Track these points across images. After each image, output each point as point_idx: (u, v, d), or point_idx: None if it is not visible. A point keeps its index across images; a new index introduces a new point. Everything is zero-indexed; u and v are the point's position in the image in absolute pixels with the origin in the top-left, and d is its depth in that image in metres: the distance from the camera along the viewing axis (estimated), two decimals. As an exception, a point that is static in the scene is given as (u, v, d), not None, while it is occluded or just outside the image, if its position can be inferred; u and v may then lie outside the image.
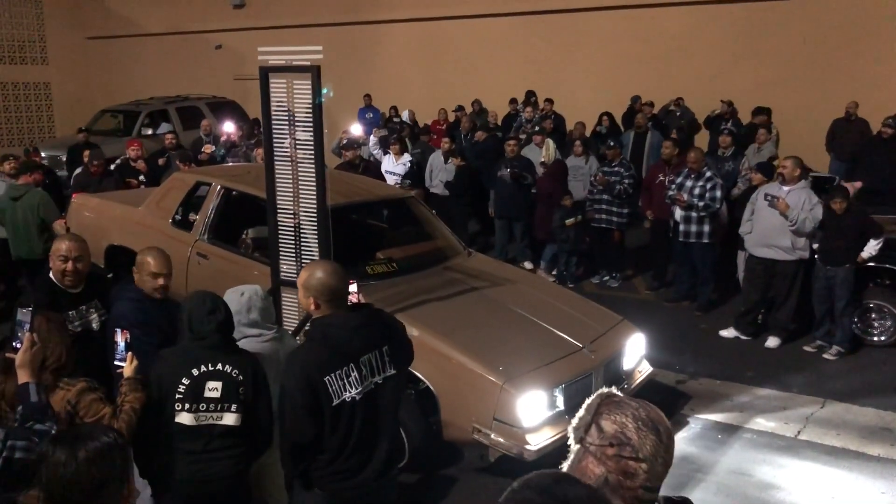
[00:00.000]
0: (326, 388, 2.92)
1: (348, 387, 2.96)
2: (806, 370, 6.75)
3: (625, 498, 1.56)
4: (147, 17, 20.51)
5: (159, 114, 15.93)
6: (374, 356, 3.07)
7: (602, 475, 1.58)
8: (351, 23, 17.19)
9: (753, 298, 7.40)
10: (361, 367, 3.02)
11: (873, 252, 6.79)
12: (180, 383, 3.28)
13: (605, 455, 1.59)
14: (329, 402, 2.92)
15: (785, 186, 7.01)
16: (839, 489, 4.91)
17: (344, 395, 2.95)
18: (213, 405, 3.29)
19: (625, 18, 14.47)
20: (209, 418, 3.29)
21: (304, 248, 4.93)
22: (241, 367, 3.35)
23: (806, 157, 7.96)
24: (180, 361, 3.34)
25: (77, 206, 7.64)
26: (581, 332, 5.29)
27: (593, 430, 1.62)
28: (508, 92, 14.40)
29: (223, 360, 3.33)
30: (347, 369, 2.97)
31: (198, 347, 3.35)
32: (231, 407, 3.30)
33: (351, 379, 2.97)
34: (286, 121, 4.79)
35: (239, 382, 3.31)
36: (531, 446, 4.52)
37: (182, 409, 3.28)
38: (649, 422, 1.59)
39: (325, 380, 2.92)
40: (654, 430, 1.59)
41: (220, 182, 6.50)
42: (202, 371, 3.30)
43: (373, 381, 3.06)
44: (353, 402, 2.98)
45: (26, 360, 2.74)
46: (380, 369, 3.09)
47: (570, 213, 8.87)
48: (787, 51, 12.97)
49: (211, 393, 3.29)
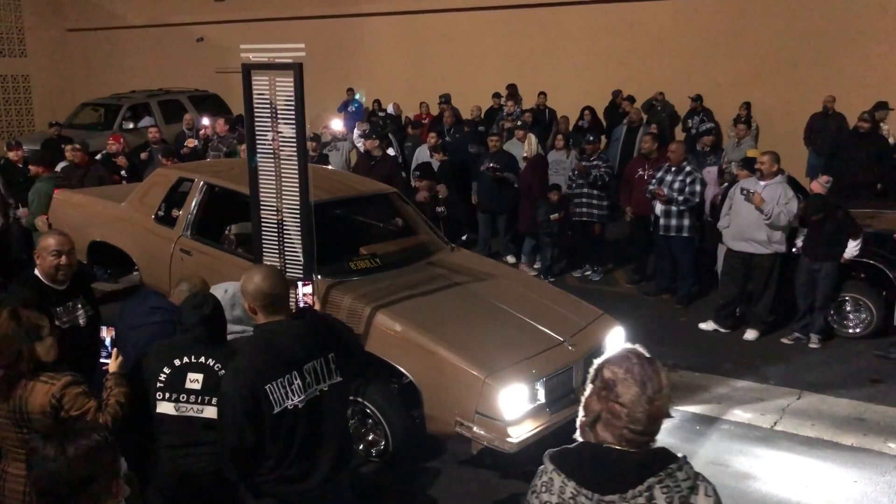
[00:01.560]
0: (268, 396, 2.91)
1: (291, 395, 2.95)
2: (783, 362, 6.87)
3: (612, 433, 1.96)
4: (128, 9, 20.34)
5: (141, 107, 15.84)
6: (318, 363, 3.06)
7: (598, 411, 1.99)
8: (333, 16, 17.16)
9: (731, 292, 7.52)
10: (305, 374, 3.01)
11: (854, 253, 6.94)
12: (161, 372, 3.31)
13: (600, 396, 1.99)
14: (270, 410, 2.91)
15: (762, 181, 7.11)
16: (813, 478, 5.02)
17: (286, 403, 2.94)
18: (195, 397, 3.31)
19: (606, 13, 14.55)
20: (190, 410, 3.31)
21: (287, 244, 4.97)
22: (224, 362, 3.35)
23: (784, 152, 8.09)
24: (164, 352, 3.38)
25: (59, 201, 7.61)
26: (562, 326, 5.35)
27: (598, 376, 2.01)
28: (491, 85, 14.43)
29: (206, 353, 3.36)
30: (290, 377, 2.97)
31: (183, 340, 3.40)
32: (212, 400, 3.29)
33: (294, 387, 2.97)
34: (269, 117, 4.82)
35: (220, 377, 3.31)
36: (513, 439, 4.58)
37: (163, 398, 3.31)
38: (639, 377, 1.96)
39: (267, 388, 2.91)
40: (640, 384, 1.95)
41: (203, 178, 6.50)
42: (184, 362, 3.33)
43: (317, 389, 3.05)
44: (296, 410, 2.97)
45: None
46: (324, 377, 3.08)
47: (554, 208, 8.95)
48: (766, 45, 13.11)
49: (192, 384, 3.31)
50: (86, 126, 15.58)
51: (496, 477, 5.00)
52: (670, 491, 1.91)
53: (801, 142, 11.92)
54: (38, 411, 3.04)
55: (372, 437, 5.06)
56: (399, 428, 4.93)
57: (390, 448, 4.97)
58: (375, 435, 5.03)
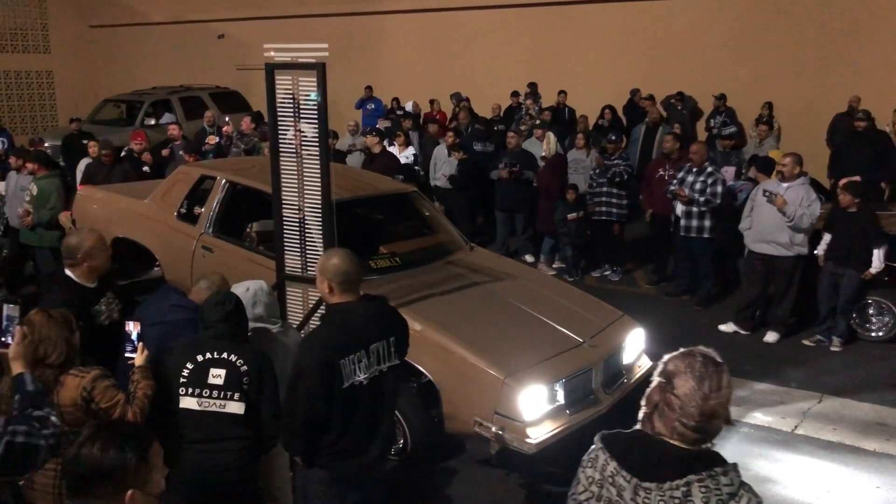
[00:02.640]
0: (340, 371, 3.04)
1: (358, 371, 3.10)
2: (804, 365, 6.82)
3: (666, 425, 2.04)
4: (150, 5, 20.49)
5: (162, 104, 15.94)
6: (381, 345, 3.21)
7: (656, 402, 2.08)
8: (353, 13, 17.19)
9: (752, 294, 7.47)
10: (371, 354, 3.16)
11: (879, 265, 6.85)
12: (184, 367, 3.37)
13: (660, 387, 2.08)
14: (340, 384, 3.05)
15: (784, 183, 7.06)
16: (835, 483, 4.98)
17: (353, 379, 3.09)
18: (217, 392, 3.36)
19: (627, 11, 14.47)
20: (213, 405, 3.35)
21: (308, 243, 4.99)
22: (246, 358, 3.41)
23: (807, 152, 8.02)
24: (187, 348, 3.44)
25: (83, 198, 7.69)
26: (582, 327, 5.35)
27: (663, 369, 2.11)
28: (511, 84, 14.42)
29: (229, 349, 3.41)
30: (360, 354, 3.11)
31: (206, 336, 3.46)
32: (234, 396, 3.35)
33: (361, 364, 3.11)
34: (291, 116, 4.84)
35: (243, 372, 3.38)
36: (531, 440, 4.58)
37: (186, 393, 3.36)
38: (697, 373, 2.03)
39: (341, 362, 3.04)
40: (698, 379, 2.02)
41: (225, 176, 6.54)
42: (206, 358, 3.39)
43: (378, 369, 3.19)
44: (361, 387, 3.12)
45: (19, 353, 2.84)
46: (385, 358, 3.23)
47: (572, 208, 8.93)
48: (789, 44, 12.99)
49: (214, 380, 3.36)
50: (107, 122, 15.72)
51: (515, 478, 5.00)
52: (709, 492, 1.93)
53: (824, 143, 11.80)
54: (69, 404, 3.10)
55: (391, 435, 5.08)
56: (418, 427, 4.94)
57: (409, 447, 4.99)
58: (394, 433, 5.06)
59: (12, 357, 2.81)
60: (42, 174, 7.82)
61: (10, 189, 8.07)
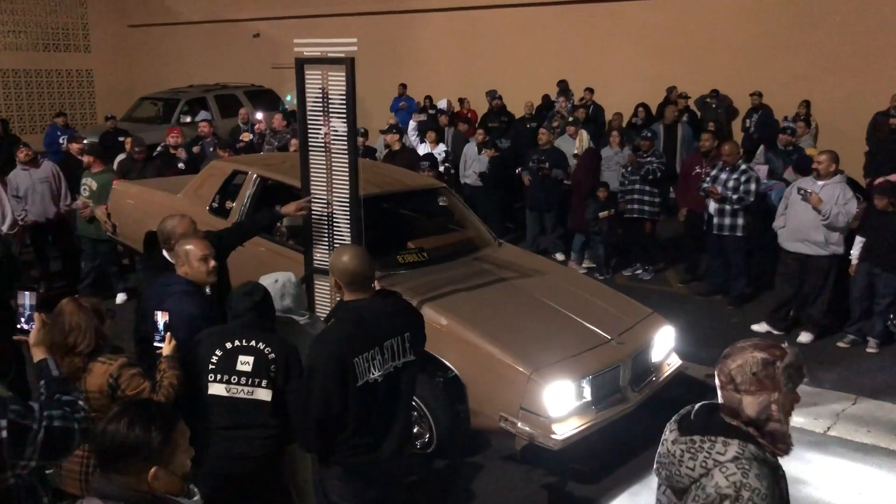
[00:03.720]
0: (354, 369, 3.04)
1: (373, 369, 3.09)
2: (838, 366, 6.69)
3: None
4: (187, 5, 20.78)
5: (198, 102, 16.15)
6: (396, 341, 3.20)
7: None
8: (386, 12, 17.26)
9: (786, 293, 7.35)
10: (385, 350, 3.15)
11: None
12: (213, 354, 3.42)
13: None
14: (354, 382, 3.05)
15: (819, 181, 6.93)
16: (867, 486, 4.89)
17: (368, 377, 3.08)
18: (245, 379, 3.40)
19: (661, 7, 14.32)
20: (241, 392, 3.40)
21: (336, 237, 5.02)
22: (274, 346, 3.46)
23: (845, 151, 7.86)
24: (217, 336, 3.50)
25: (118, 192, 7.83)
26: (610, 324, 5.31)
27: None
28: (542, 82, 14.37)
29: (257, 337, 3.46)
30: (374, 352, 3.10)
31: (235, 325, 3.52)
32: (262, 382, 3.40)
33: (375, 362, 3.11)
34: (321, 111, 4.88)
35: (271, 360, 3.42)
36: (557, 436, 4.56)
37: (214, 379, 3.41)
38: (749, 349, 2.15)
39: (355, 360, 3.04)
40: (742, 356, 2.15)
41: (256, 171, 6.62)
42: (235, 345, 3.44)
43: (392, 365, 3.18)
44: (375, 384, 3.11)
45: (40, 339, 2.83)
46: (400, 354, 3.22)
47: (603, 206, 8.87)
48: (827, 41, 12.74)
49: (243, 367, 3.41)
50: (144, 120, 15.98)
51: (540, 474, 4.99)
52: (694, 451, 2.09)
53: (863, 141, 11.55)
54: (95, 390, 3.17)
55: (417, 429, 5.08)
56: (443, 421, 4.95)
57: (434, 441, 5.00)
58: (420, 428, 5.06)
59: (34, 343, 2.82)
60: (98, 169, 8.14)
61: (27, 186, 8.22)
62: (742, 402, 2.12)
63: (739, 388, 2.13)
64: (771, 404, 2.11)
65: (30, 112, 20.16)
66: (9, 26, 19.64)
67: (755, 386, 2.11)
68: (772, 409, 2.12)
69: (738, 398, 2.13)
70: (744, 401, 2.12)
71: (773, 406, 2.11)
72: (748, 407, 2.12)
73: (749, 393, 2.12)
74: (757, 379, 2.11)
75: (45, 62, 20.41)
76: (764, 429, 2.12)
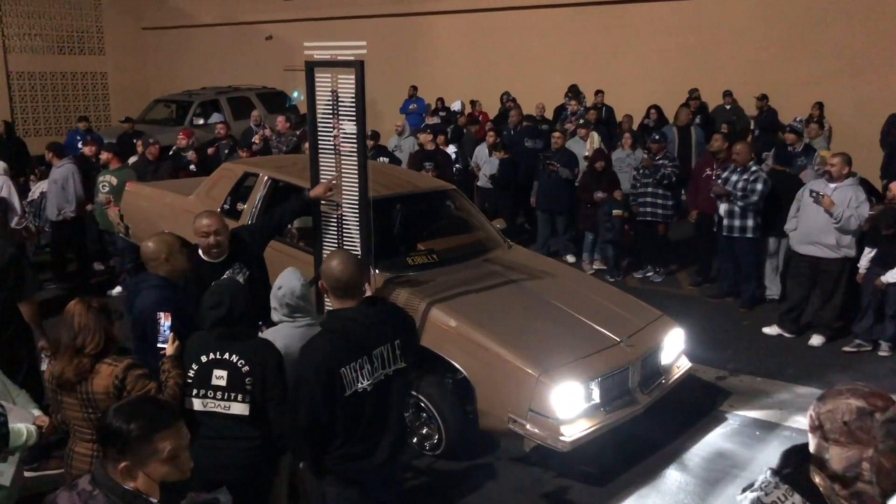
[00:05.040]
0: (341, 379, 3.01)
1: (361, 378, 3.06)
2: (849, 369, 6.64)
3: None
4: (200, 7, 20.91)
5: (211, 104, 16.25)
6: (386, 349, 3.16)
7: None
8: (398, 14, 17.30)
9: (798, 296, 7.31)
10: (374, 359, 3.11)
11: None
12: (190, 368, 3.38)
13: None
14: (342, 392, 3.02)
15: (832, 183, 6.90)
16: (878, 490, 4.85)
17: (356, 386, 3.05)
18: (221, 393, 3.36)
19: (674, 9, 14.28)
20: (217, 406, 3.36)
21: (346, 238, 5.05)
22: (249, 357, 3.38)
23: (858, 154, 7.81)
24: (194, 348, 3.44)
25: (131, 193, 7.88)
26: (619, 327, 5.30)
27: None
28: (555, 83, 14.35)
29: (231, 349, 3.39)
30: (362, 361, 3.07)
31: (210, 335, 3.45)
32: (237, 396, 3.35)
33: (364, 371, 3.07)
34: (331, 114, 4.90)
35: (245, 373, 3.36)
36: (566, 437, 4.57)
37: (191, 394, 3.37)
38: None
39: (341, 371, 3.01)
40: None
41: (267, 173, 6.65)
42: (210, 358, 3.38)
43: (383, 373, 3.15)
44: (364, 393, 3.08)
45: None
46: (390, 362, 3.18)
47: (617, 206, 8.87)
48: (841, 42, 12.66)
49: (218, 381, 3.36)
50: (158, 122, 16.09)
51: (549, 475, 4.99)
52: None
53: (877, 143, 11.48)
54: (102, 391, 3.19)
55: (426, 430, 5.10)
56: (452, 423, 4.96)
57: (443, 443, 5.01)
58: (429, 429, 5.07)
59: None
60: (116, 166, 8.33)
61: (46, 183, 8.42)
62: (829, 451, 1.90)
63: (828, 437, 1.90)
64: (862, 461, 1.84)
65: (45, 114, 20.32)
66: (24, 29, 19.81)
67: (845, 437, 1.87)
68: (862, 467, 1.84)
69: (825, 446, 1.91)
70: (831, 451, 1.90)
71: (865, 464, 1.83)
72: (834, 460, 1.89)
73: (838, 444, 1.88)
74: (848, 430, 1.86)
75: (59, 65, 20.56)
76: (850, 489, 1.88)
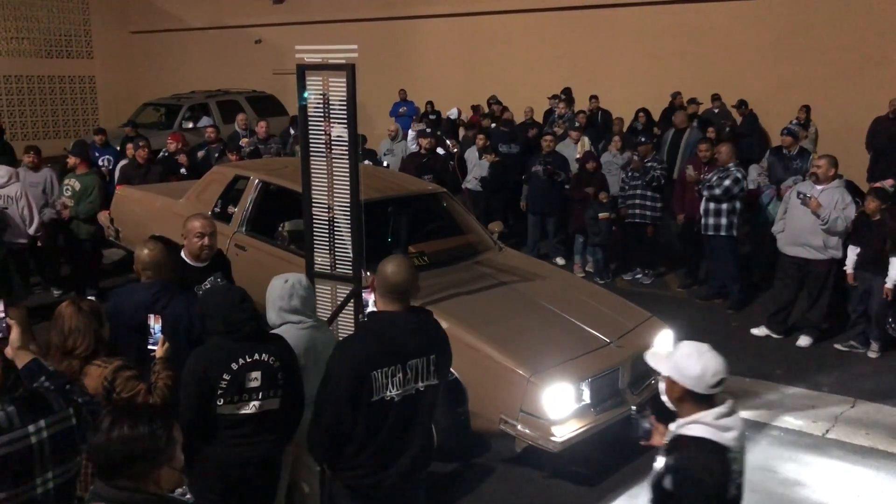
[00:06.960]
0: (371, 383, 2.93)
1: (391, 386, 2.98)
2: (837, 370, 6.72)
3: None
4: (189, 11, 20.86)
5: (200, 107, 16.21)
6: (421, 363, 3.07)
7: None
8: (388, 18, 17.31)
9: (785, 297, 7.38)
10: (408, 370, 3.03)
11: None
12: (221, 379, 3.29)
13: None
14: (369, 397, 2.94)
15: (818, 185, 6.97)
16: (865, 488, 4.91)
17: (384, 393, 2.97)
18: (256, 394, 3.35)
19: (662, 14, 14.38)
20: (251, 407, 3.34)
21: (337, 241, 5.07)
22: (276, 354, 3.40)
23: (844, 156, 7.88)
24: (217, 358, 3.33)
25: (120, 197, 7.88)
26: (609, 328, 5.35)
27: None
28: (545, 87, 14.38)
29: (259, 349, 3.36)
30: (395, 369, 2.99)
31: (231, 341, 3.34)
32: (271, 393, 3.37)
33: (395, 379, 2.99)
34: (322, 117, 4.93)
35: (276, 369, 3.37)
36: (557, 438, 4.60)
37: (225, 402, 3.31)
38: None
39: (372, 374, 2.93)
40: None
41: (259, 176, 6.67)
42: (241, 364, 3.32)
43: (414, 388, 3.06)
44: (391, 402, 3.00)
45: (16, 343, 2.83)
46: (424, 376, 3.09)
47: (604, 208, 8.92)
48: (827, 46, 12.77)
49: (252, 383, 3.33)
50: (147, 125, 16.01)
51: (540, 476, 5.02)
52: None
53: (863, 146, 11.58)
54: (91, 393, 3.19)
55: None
56: (444, 424, 4.95)
57: (434, 444, 5.01)
58: (421, 430, 5.08)
59: (17, 348, 2.79)
60: (83, 171, 8.12)
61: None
62: None
63: None
64: None
65: (32, 118, 20.23)
66: (11, 32, 19.71)
67: None
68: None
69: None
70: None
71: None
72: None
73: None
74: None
75: (47, 68, 20.46)
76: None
